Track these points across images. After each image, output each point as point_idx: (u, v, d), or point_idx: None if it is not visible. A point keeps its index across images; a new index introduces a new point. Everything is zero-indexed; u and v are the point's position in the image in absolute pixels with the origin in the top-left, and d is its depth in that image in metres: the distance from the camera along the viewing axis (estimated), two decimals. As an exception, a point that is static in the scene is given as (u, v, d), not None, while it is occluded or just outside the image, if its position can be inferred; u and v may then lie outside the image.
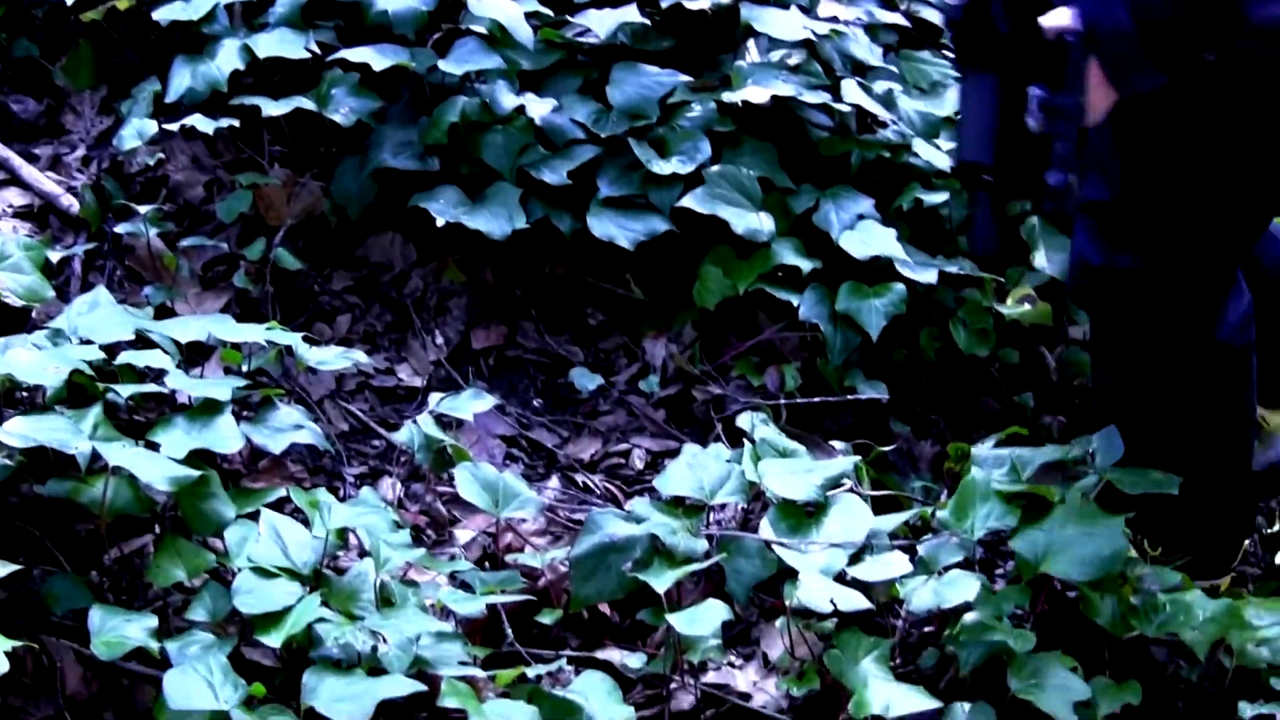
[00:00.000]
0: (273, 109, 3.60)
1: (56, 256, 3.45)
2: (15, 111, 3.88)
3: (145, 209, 3.55)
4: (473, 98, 3.63)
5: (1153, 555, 3.05)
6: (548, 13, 3.85)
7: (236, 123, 3.61)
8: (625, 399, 3.63)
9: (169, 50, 3.74)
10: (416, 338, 3.65)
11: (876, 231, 3.59)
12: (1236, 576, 3.19)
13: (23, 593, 2.71)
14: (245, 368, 3.21)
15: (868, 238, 3.57)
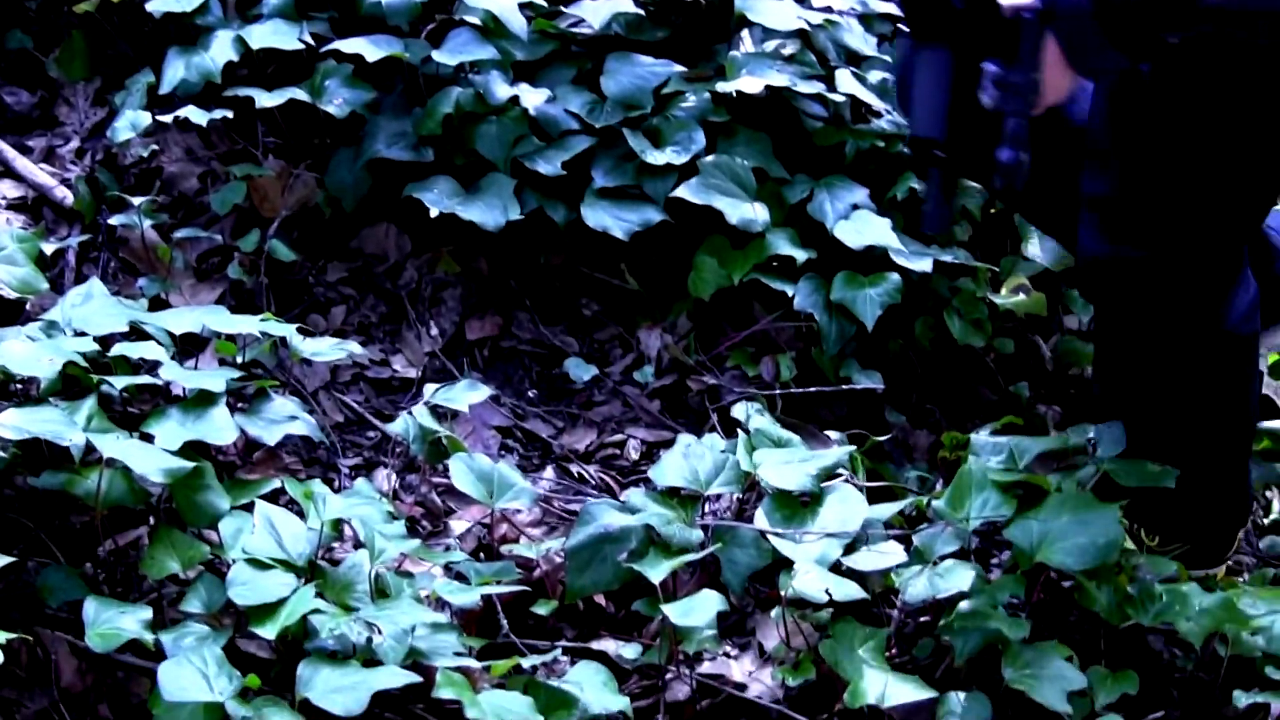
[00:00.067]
0: (267, 100, 3.60)
1: (50, 249, 3.45)
2: (8, 103, 3.87)
3: (139, 201, 3.54)
4: (467, 88, 3.63)
5: (1149, 545, 3.05)
6: (541, 3, 3.84)
7: (230, 114, 3.60)
8: (620, 389, 3.62)
9: (163, 42, 3.73)
10: (411, 329, 3.65)
11: (871, 221, 3.58)
12: (1232, 566, 3.20)
13: (17, 585, 2.71)
14: (240, 359, 3.21)
15: (862, 227, 3.56)
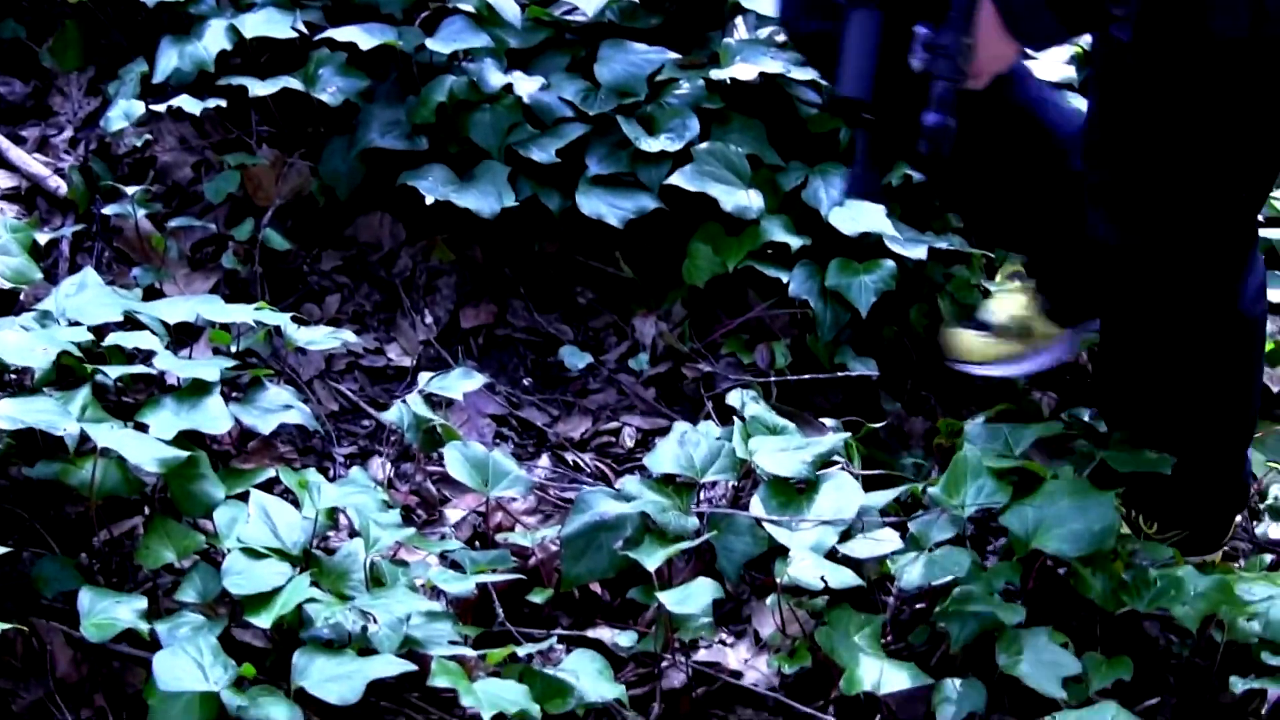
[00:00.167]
0: (260, 89, 3.60)
1: (44, 238, 3.44)
2: (2, 93, 3.87)
3: (133, 190, 3.53)
4: (460, 76, 3.63)
5: (1146, 531, 3.05)
6: (535, -10, 3.85)
7: (224, 103, 3.60)
8: (615, 377, 3.62)
9: (156, 31, 3.73)
10: (406, 317, 3.64)
11: (865, 208, 3.57)
12: (1228, 552, 3.20)
13: (12, 575, 2.70)
14: (234, 348, 3.21)
15: (857, 214, 3.55)
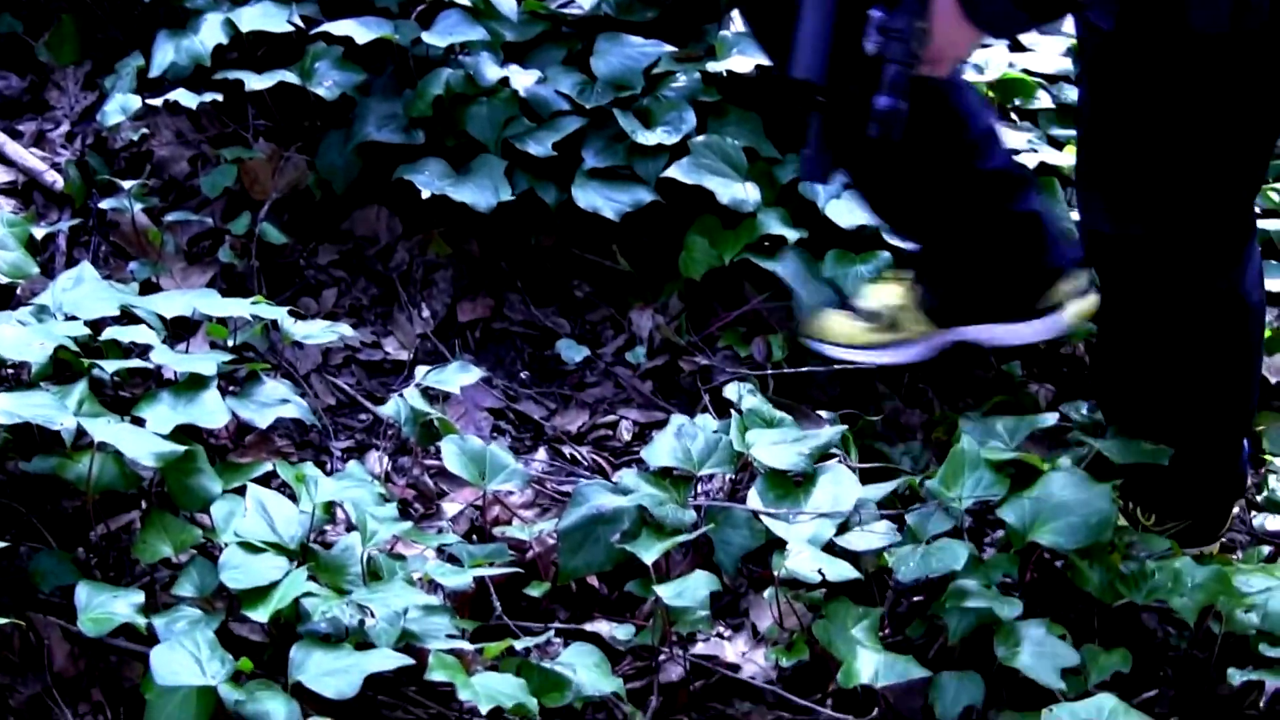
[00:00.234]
0: (256, 83, 3.59)
1: (41, 233, 3.44)
2: (-2, 88, 3.88)
3: (130, 184, 3.53)
4: (457, 70, 3.62)
5: (1144, 523, 3.05)
6: (532, -16, 3.85)
7: (220, 97, 3.60)
8: (612, 370, 3.62)
9: (152, 25, 3.73)
10: (403, 311, 3.64)
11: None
12: (1225, 544, 3.20)
13: (9, 570, 2.70)
14: (231, 342, 3.21)
15: (854, 206, 3.55)
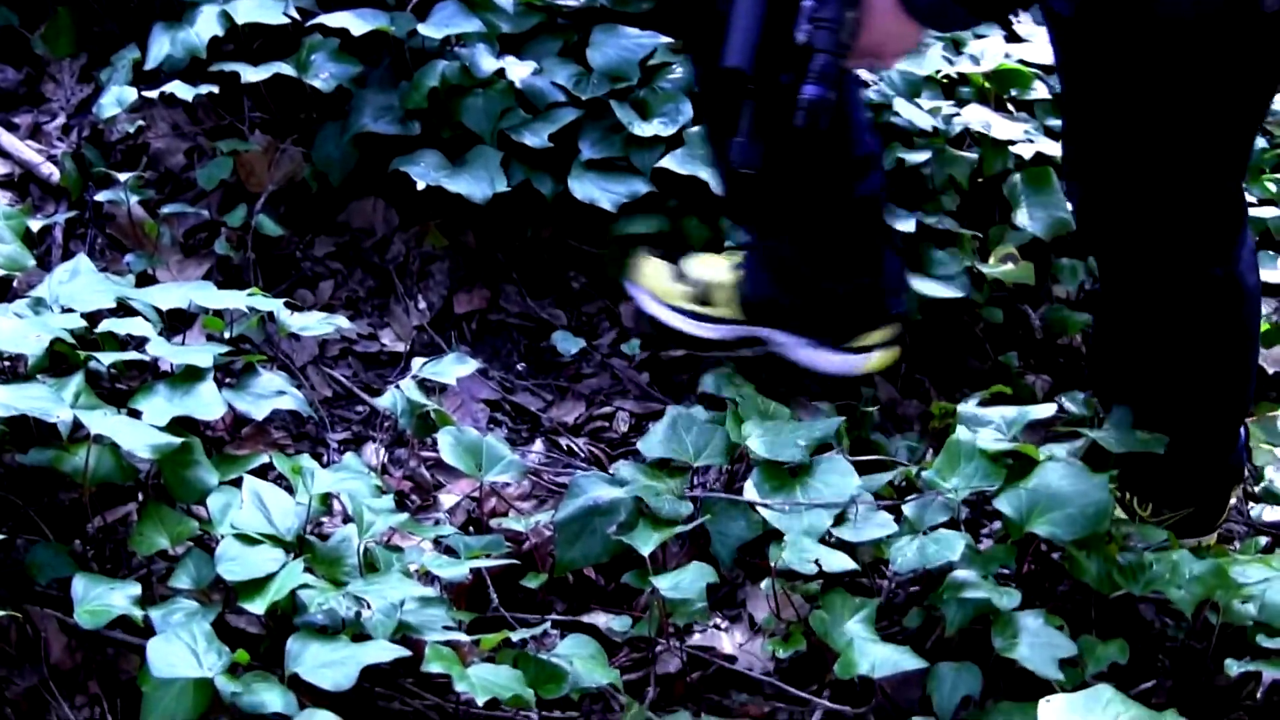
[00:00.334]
0: (252, 75, 3.58)
1: (37, 225, 3.43)
2: (-6, 81, 3.87)
3: (126, 177, 3.53)
4: (453, 62, 3.61)
5: (1141, 514, 3.05)
6: (528, -25, 3.84)
7: (216, 89, 3.59)
8: (608, 362, 3.62)
9: (148, 18, 3.72)
10: (399, 303, 3.64)
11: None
12: (1223, 535, 3.20)
13: (6, 562, 2.70)
14: (227, 334, 3.20)
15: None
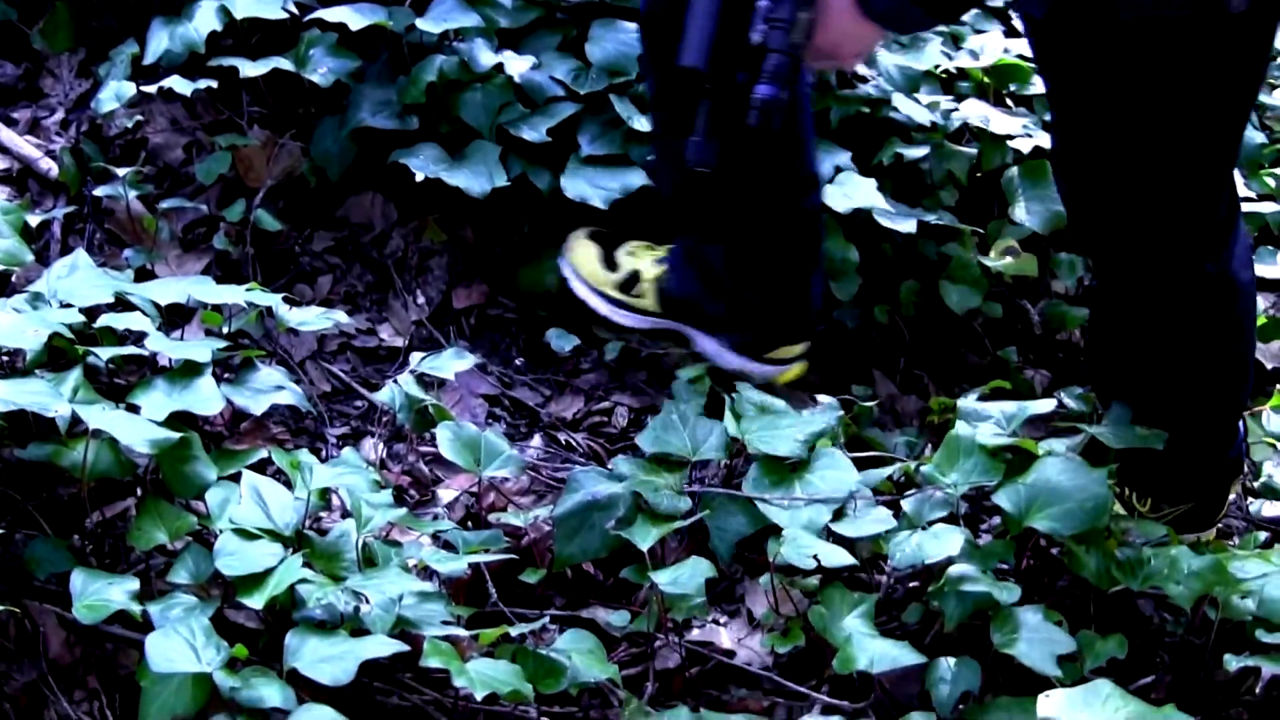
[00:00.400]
0: (251, 70, 3.58)
1: (35, 220, 3.44)
2: (-7, 76, 3.87)
3: (124, 172, 3.53)
4: (451, 56, 3.61)
5: (1140, 509, 3.05)
6: (526, -30, 3.83)
7: (215, 84, 3.58)
8: (606, 357, 3.62)
9: (147, 13, 3.71)
10: (398, 297, 3.64)
11: (857, 183, 3.56)
12: (1222, 530, 3.20)
13: (4, 557, 2.69)
14: (226, 329, 3.20)
15: (849, 190, 3.54)
